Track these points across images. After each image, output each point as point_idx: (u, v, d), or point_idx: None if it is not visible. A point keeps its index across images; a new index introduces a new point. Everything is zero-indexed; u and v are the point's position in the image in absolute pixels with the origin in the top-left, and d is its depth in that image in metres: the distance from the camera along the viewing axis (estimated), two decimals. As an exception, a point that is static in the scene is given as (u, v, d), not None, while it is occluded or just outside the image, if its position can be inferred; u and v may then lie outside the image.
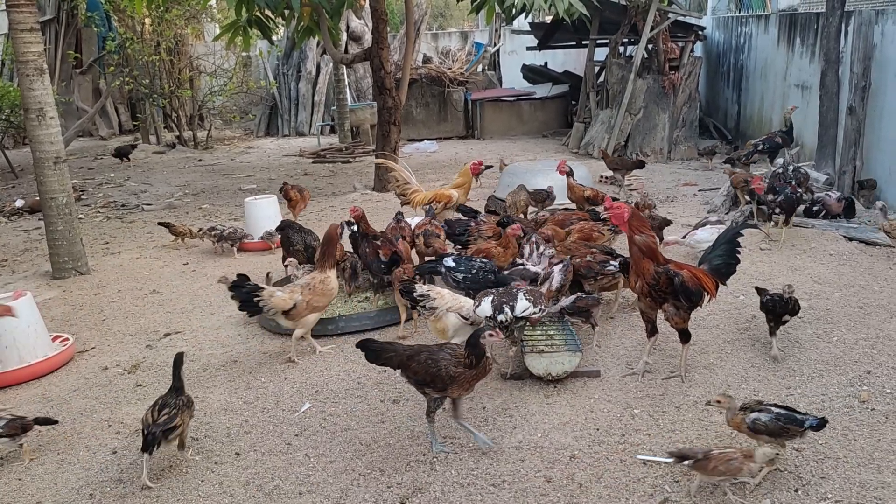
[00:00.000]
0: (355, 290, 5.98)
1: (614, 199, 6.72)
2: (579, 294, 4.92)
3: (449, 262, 5.11)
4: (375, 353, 3.80)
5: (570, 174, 7.39)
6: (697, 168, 10.89)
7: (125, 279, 6.93)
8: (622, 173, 9.24)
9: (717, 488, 3.32)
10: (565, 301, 4.85)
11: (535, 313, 4.36)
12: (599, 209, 6.71)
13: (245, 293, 4.73)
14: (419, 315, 5.07)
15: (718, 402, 3.57)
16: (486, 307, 4.30)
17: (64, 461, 3.93)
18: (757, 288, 4.75)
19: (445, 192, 7.19)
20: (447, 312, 4.49)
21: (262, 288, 4.81)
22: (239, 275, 4.87)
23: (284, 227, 6.43)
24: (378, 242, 5.59)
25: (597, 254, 5.23)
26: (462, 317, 4.49)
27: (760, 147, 8.91)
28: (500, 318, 4.25)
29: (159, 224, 8.09)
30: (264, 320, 5.53)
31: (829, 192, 7.50)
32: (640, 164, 9.30)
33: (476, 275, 4.98)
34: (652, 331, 4.45)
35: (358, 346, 3.83)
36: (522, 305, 4.29)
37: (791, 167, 7.57)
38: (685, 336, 4.34)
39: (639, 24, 11.87)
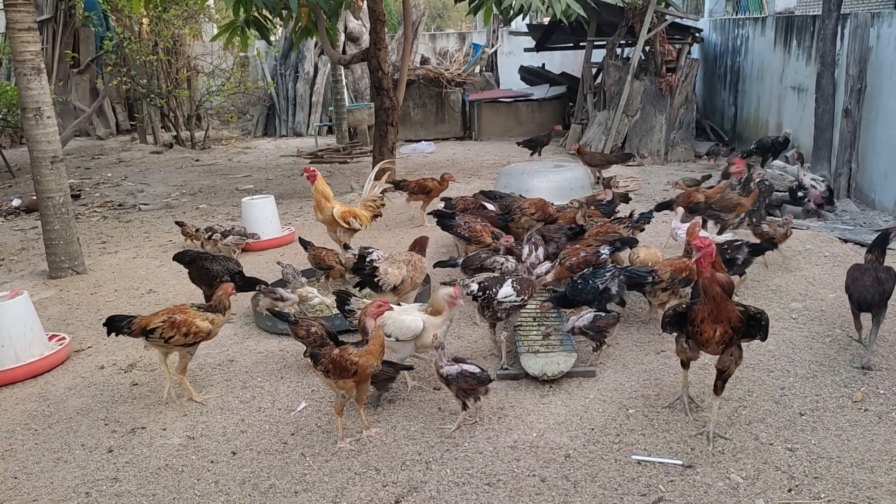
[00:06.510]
0: None
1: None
2: (598, 313, 4.54)
3: None
4: None
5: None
6: (694, 170, 10.90)
7: (122, 279, 6.93)
8: (599, 169, 9.85)
9: (711, 487, 3.34)
10: (583, 321, 4.50)
11: (516, 302, 4.54)
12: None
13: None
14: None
15: None
16: (472, 286, 4.57)
17: (60, 459, 3.93)
18: None
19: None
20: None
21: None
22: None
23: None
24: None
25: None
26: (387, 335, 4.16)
27: (752, 147, 8.99)
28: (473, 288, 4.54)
29: (176, 223, 8.07)
30: (260, 320, 5.55)
31: (815, 184, 7.66)
32: (627, 157, 9.56)
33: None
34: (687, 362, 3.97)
35: None
36: (505, 291, 4.53)
37: (758, 178, 7.73)
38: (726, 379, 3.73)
39: (636, 25, 11.89)
